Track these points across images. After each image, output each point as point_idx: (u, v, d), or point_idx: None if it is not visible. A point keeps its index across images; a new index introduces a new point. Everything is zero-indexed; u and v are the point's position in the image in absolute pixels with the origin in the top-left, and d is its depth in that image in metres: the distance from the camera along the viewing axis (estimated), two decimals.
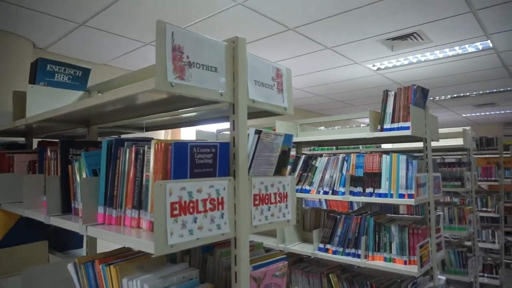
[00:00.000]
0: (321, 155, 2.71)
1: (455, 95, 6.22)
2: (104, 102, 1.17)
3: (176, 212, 0.93)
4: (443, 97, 6.33)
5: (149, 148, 1.06)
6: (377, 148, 4.09)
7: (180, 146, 0.97)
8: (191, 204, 0.97)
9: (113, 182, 1.18)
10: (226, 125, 3.09)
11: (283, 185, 1.26)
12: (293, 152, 3.12)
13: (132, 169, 1.13)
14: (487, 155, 5.99)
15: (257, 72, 1.20)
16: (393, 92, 2.33)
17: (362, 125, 2.42)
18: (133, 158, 1.13)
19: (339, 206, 4.51)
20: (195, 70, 1.01)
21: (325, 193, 2.59)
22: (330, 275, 2.62)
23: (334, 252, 2.56)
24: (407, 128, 2.22)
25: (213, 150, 1.03)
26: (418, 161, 2.27)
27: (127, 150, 1.15)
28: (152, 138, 1.09)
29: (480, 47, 3.79)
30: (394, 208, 4.07)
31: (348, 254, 2.50)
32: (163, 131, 4.63)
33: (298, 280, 2.83)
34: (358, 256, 2.44)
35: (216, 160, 1.05)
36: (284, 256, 1.28)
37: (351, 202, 4.62)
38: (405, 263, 2.32)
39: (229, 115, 1.13)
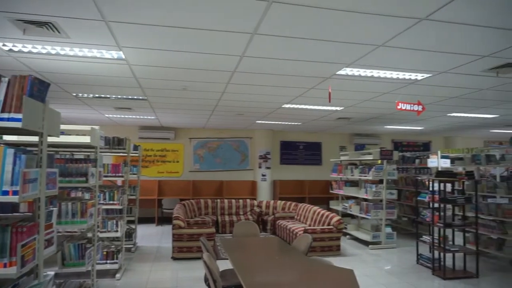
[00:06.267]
0: None
1: (97, 95, 6.53)
2: None
3: None
4: (86, 95, 6.48)
5: None
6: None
7: None
8: None
9: None
10: None
11: None
12: None
13: None
14: (120, 154, 6.70)
15: None
16: (7, 79, 2.12)
17: None
18: None
19: None
20: None
21: None
22: None
23: None
24: (20, 120, 2.08)
25: None
26: (29, 156, 2.17)
27: None
28: None
29: (115, 56, 4.17)
30: (14, 207, 3.70)
31: None
32: None
33: None
34: None
35: None
36: None
37: None
38: (5, 265, 2.14)
39: None
